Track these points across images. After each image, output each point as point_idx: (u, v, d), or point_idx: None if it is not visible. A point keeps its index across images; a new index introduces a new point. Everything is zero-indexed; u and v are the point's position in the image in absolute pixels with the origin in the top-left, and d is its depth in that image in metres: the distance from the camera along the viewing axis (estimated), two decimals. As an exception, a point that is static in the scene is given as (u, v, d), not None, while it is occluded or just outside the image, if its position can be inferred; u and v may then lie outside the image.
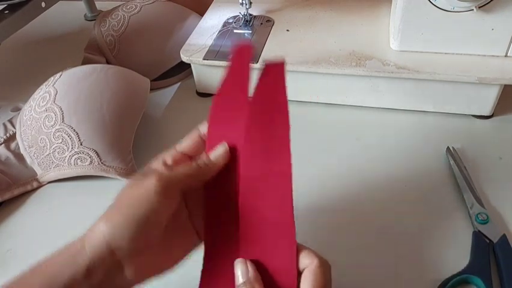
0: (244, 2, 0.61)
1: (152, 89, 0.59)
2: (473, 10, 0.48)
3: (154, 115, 0.59)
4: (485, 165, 0.48)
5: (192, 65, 0.59)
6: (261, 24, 0.62)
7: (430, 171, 0.48)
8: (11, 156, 0.52)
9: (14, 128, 0.55)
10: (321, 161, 0.50)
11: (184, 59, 0.58)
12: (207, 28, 0.63)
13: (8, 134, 0.55)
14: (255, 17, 0.64)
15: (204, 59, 0.57)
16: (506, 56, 0.51)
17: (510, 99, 0.55)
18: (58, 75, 0.53)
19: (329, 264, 0.31)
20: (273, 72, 0.37)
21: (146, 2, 0.65)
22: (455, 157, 0.48)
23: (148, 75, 0.58)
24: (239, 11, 0.63)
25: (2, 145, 0.53)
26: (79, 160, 0.48)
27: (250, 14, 0.63)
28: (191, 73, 0.61)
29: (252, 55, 0.39)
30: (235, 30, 0.62)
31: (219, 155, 0.34)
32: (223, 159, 0.34)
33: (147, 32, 0.63)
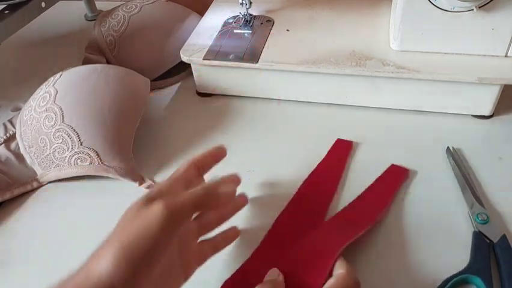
0: (244, 2, 0.61)
1: (152, 89, 0.59)
2: (473, 10, 0.48)
3: (154, 115, 0.59)
4: (485, 165, 0.48)
5: (192, 65, 0.59)
6: (261, 24, 0.62)
7: (430, 171, 0.48)
8: (11, 156, 0.52)
9: (14, 128, 0.55)
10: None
11: (184, 59, 0.58)
12: (207, 28, 0.63)
13: (8, 134, 0.55)
14: (255, 17, 0.64)
15: (204, 59, 0.57)
16: (506, 56, 0.51)
17: (510, 99, 0.55)
18: (58, 75, 0.53)
19: (354, 281, 0.33)
20: (393, 175, 0.47)
21: (146, 2, 0.65)
22: (455, 157, 0.48)
23: (148, 75, 0.58)
24: (239, 11, 0.63)
25: (2, 145, 0.53)
26: (79, 160, 0.48)
27: (250, 14, 0.63)
28: (191, 73, 0.61)
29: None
30: (235, 30, 0.62)
31: (230, 187, 0.35)
32: (234, 191, 0.35)
33: (147, 32, 0.63)
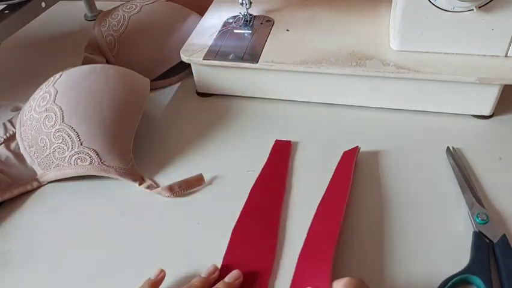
0: (244, 2, 0.61)
1: (152, 89, 0.58)
2: (473, 10, 0.48)
3: (154, 115, 0.59)
4: (485, 165, 0.48)
5: (192, 65, 0.59)
6: (261, 24, 0.62)
7: (430, 171, 0.48)
8: (11, 156, 0.52)
9: (14, 128, 0.55)
10: (321, 161, 0.50)
11: (184, 59, 0.58)
12: (207, 28, 0.63)
13: (8, 134, 0.55)
14: (255, 17, 0.64)
15: (204, 59, 0.57)
16: (506, 56, 0.51)
17: (510, 99, 0.55)
18: (58, 75, 0.53)
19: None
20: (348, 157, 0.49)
21: (146, 2, 0.65)
22: (455, 157, 0.48)
23: (148, 75, 0.58)
24: (239, 11, 0.63)
25: (2, 145, 0.53)
26: (79, 160, 0.48)
27: (250, 14, 0.63)
28: (191, 73, 0.61)
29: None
30: (235, 30, 0.62)
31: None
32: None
33: (147, 32, 0.63)
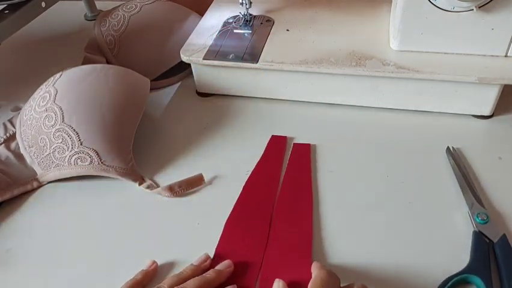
0: (244, 2, 0.61)
1: (152, 89, 0.58)
2: (473, 10, 0.48)
3: (154, 115, 0.59)
4: (485, 165, 0.48)
5: (192, 65, 0.59)
6: (261, 24, 0.62)
7: (430, 171, 0.48)
8: (11, 156, 0.52)
9: (14, 127, 0.56)
10: (320, 161, 0.50)
11: (184, 59, 0.58)
12: (207, 28, 0.63)
13: (8, 134, 0.55)
14: (255, 17, 0.64)
15: (204, 59, 0.57)
16: (506, 56, 0.51)
17: (510, 99, 0.55)
18: (58, 75, 0.53)
19: (329, 278, 0.35)
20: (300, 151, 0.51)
21: (146, 2, 0.65)
22: (455, 157, 0.48)
23: (148, 75, 0.58)
24: (239, 11, 0.63)
25: (2, 145, 0.53)
26: (79, 160, 0.48)
27: (250, 14, 0.63)
28: (191, 73, 0.61)
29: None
30: (235, 30, 0.62)
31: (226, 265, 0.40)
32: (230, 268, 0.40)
33: (147, 32, 0.63)
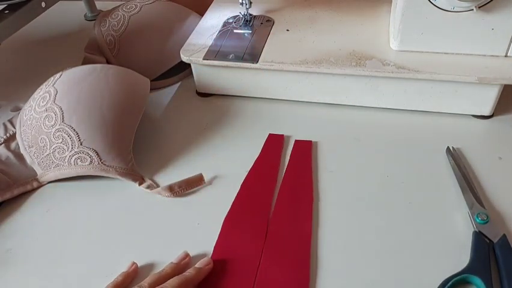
0: (244, 2, 0.61)
1: (152, 89, 0.58)
2: (473, 10, 0.48)
3: (154, 115, 0.59)
4: (485, 165, 0.48)
5: (192, 65, 0.59)
6: (261, 24, 0.62)
7: (430, 171, 0.48)
8: (11, 156, 0.52)
9: (14, 127, 0.56)
10: (320, 161, 0.50)
11: (184, 59, 0.58)
12: (207, 28, 0.63)
13: (8, 134, 0.55)
14: (255, 17, 0.64)
15: (204, 59, 0.57)
16: (506, 56, 0.51)
17: (510, 99, 0.55)
18: (58, 75, 0.53)
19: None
20: (302, 148, 0.51)
21: (146, 2, 0.65)
22: (455, 157, 0.48)
23: (148, 75, 0.58)
24: (239, 11, 0.63)
25: (2, 145, 0.53)
26: (79, 160, 0.48)
27: (250, 14, 0.63)
28: (191, 73, 0.61)
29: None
30: (235, 30, 0.62)
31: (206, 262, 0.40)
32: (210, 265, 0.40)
33: (147, 32, 0.63)
